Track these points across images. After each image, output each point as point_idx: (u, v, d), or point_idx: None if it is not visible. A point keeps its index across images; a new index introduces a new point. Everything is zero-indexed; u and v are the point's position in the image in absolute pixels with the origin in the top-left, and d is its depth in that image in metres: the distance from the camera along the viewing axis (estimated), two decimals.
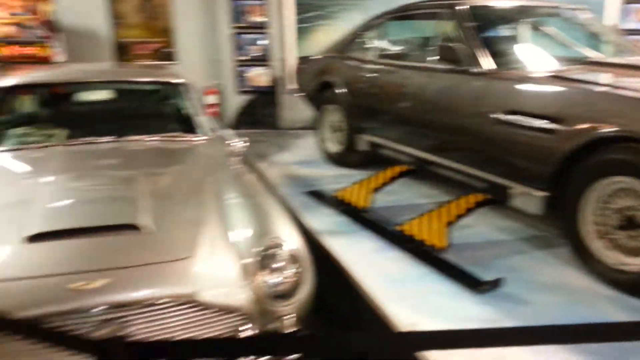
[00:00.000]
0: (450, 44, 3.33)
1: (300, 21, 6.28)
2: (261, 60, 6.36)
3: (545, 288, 2.62)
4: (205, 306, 2.03)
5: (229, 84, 6.50)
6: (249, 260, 2.19)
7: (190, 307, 2.03)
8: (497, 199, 3.19)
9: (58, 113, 3.65)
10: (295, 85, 5.69)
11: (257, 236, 2.30)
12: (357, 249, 3.08)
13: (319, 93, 5.02)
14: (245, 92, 6.52)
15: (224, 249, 2.24)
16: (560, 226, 2.97)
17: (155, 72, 4.19)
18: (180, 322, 2.00)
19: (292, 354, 1.88)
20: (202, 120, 3.60)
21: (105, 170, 2.92)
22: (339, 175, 4.58)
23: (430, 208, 3.28)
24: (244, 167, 3.12)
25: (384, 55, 4.22)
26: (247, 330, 2.12)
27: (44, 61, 5.92)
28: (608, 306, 2.46)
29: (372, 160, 4.66)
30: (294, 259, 2.26)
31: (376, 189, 3.68)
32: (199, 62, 6.38)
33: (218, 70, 6.48)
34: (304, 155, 5.42)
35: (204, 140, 3.41)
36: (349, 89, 4.49)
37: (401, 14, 4.17)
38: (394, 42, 4.40)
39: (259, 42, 6.29)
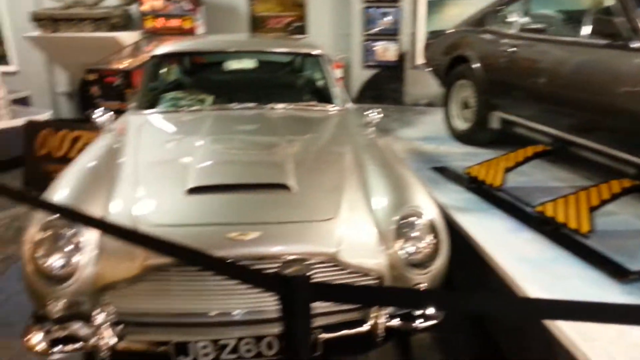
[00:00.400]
0: (608, 17, 3.09)
1: None
2: (390, 34, 6.33)
3: None
4: (344, 266, 2.13)
5: (356, 58, 6.56)
6: (388, 227, 2.25)
7: (331, 266, 2.14)
8: None
9: (206, 80, 3.94)
10: (423, 61, 5.60)
11: (396, 204, 2.34)
12: (488, 228, 3.02)
13: (450, 68, 4.91)
14: (370, 66, 6.54)
15: (364, 214, 2.32)
16: None
17: (295, 43, 4.35)
18: (318, 279, 2.12)
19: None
20: (337, 91, 3.70)
21: (251, 134, 3.12)
22: (466, 153, 4.48)
23: (571, 191, 3.11)
24: (379, 137, 3.17)
25: (527, 29, 4.01)
26: None
27: (188, 33, 6.36)
28: None
29: (502, 139, 4.52)
30: (431, 229, 2.29)
31: (508, 169, 3.56)
32: (328, 35, 6.49)
33: (346, 44, 6.55)
34: (429, 132, 5.35)
35: (338, 110, 3.52)
36: (485, 63, 4.34)
37: None
38: (538, 16, 4.16)
39: (388, 17, 6.25)
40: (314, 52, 3.86)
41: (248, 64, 4.00)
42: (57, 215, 2.10)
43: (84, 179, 2.46)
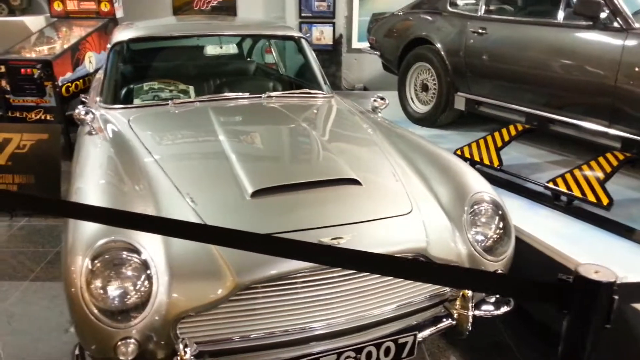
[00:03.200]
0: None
1: None
2: (326, 17, 6.20)
3: None
4: (433, 260, 2.03)
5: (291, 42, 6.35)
6: (460, 215, 2.18)
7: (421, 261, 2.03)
8: (637, 157, 3.19)
9: (181, 68, 3.54)
10: (368, 44, 5.57)
11: (460, 191, 2.28)
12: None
13: (405, 51, 4.92)
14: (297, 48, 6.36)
15: (434, 204, 2.23)
16: None
17: (272, 26, 4.08)
18: None
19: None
20: (322, 76, 3.53)
21: (274, 126, 2.87)
22: (433, 136, 4.54)
23: (569, 167, 3.27)
24: (392, 123, 3.08)
25: (496, 10, 4.13)
26: None
27: (107, 16, 5.69)
28: None
29: (465, 121, 4.66)
30: (497, 213, 2.26)
31: (499, 148, 3.65)
32: (261, 19, 6.20)
33: None
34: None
35: (329, 96, 3.36)
36: (448, 45, 4.40)
37: None
38: None
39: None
40: (296, 34, 3.64)
41: (227, 49, 3.66)
42: (111, 238, 1.74)
43: (115, 197, 2.05)
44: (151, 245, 1.78)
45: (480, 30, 4.11)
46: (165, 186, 2.12)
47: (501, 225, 2.23)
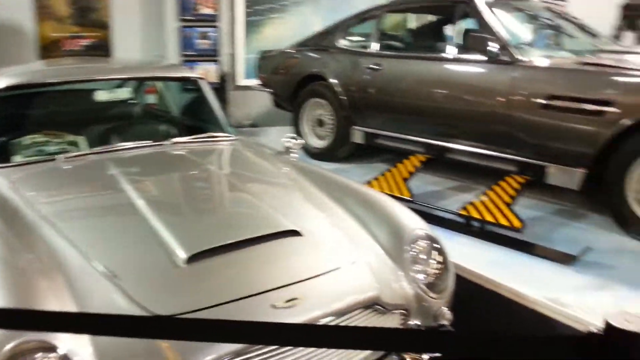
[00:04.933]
0: (480, 35, 3.47)
1: (250, 14, 6.05)
2: (209, 55, 6.01)
3: (616, 253, 2.89)
4: (386, 307, 1.94)
5: None
6: (401, 255, 2.12)
7: (374, 310, 1.92)
8: (534, 179, 3.42)
9: (66, 117, 3.13)
10: (259, 81, 5.48)
11: (396, 230, 2.22)
12: None
13: (298, 87, 4.90)
14: (191, 89, 6.11)
15: (375, 247, 2.15)
16: (594, 197, 3.28)
17: (165, 67, 3.80)
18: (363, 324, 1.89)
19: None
20: (224, 117, 3.36)
21: (189, 177, 2.62)
22: (334, 171, 4.50)
23: (476, 193, 3.41)
24: (309, 164, 2.99)
25: (389, 46, 4.26)
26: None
27: None
28: None
29: (362, 153, 4.72)
30: (434, 248, 2.24)
31: (406, 180, 3.72)
32: (139, 59, 5.85)
33: None
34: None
35: (234, 138, 3.19)
36: (344, 81, 4.45)
37: (402, 7, 4.24)
38: (395, 34, 4.45)
39: (206, 37, 5.94)
40: (193, 75, 3.43)
41: (117, 93, 3.31)
42: (22, 339, 1.42)
43: (11, 278, 1.69)
44: (72, 336, 1.48)
45: (374, 66, 4.21)
46: (75, 259, 1.80)
47: (440, 259, 2.21)
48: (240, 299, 1.67)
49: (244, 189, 2.41)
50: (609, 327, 0.94)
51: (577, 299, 2.39)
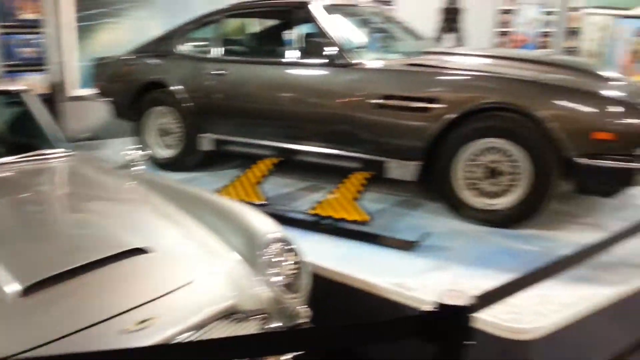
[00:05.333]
0: (317, 40, 3.62)
1: (81, 19, 5.62)
2: (35, 64, 5.47)
3: (451, 235, 3.20)
4: (245, 313, 1.95)
5: None
6: (257, 260, 2.14)
7: (233, 319, 1.92)
8: (377, 173, 3.65)
9: None
10: (96, 90, 5.12)
11: (250, 235, 2.24)
12: None
13: (138, 95, 4.67)
14: (16, 103, 5.50)
15: (231, 255, 2.14)
16: (430, 187, 3.61)
17: None
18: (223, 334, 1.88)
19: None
20: (57, 131, 3.10)
21: (19, 198, 2.35)
22: (184, 180, 4.40)
23: (325, 191, 3.55)
24: (155, 175, 2.87)
25: (232, 51, 4.23)
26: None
27: None
28: (498, 238, 3.17)
29: (213, 161, 4.65)
30: (289, 249, 2.29)
31: (258, 184, 3.75)
32: None
33: None
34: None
35: (70, 154, 2.97)
36: (189, 88, 4.34)
37: (241, 12, 4.24)
38: (237, 39, 4.43)
39: (30, 45, 5.39)
40: (14, 88, 3.11)
41: None
42: None
43: None
44: None
45: (218, 72, 4.17)
46: None
47: (295, 260, 2.27)
48: (86, 327, 1.56)
49: (83, 209, 2.25)
50: (441, 305, 1.05)
51: (420, 281, 2.61)
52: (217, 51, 4.31)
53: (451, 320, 1.04)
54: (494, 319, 2.23)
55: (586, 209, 3.63)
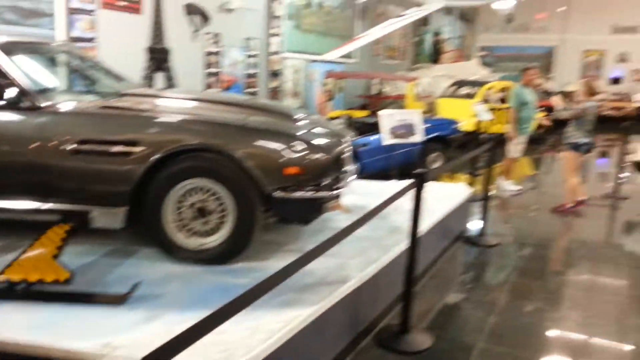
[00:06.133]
0: None
1: None
2: None
3: (164, 281, 3.12)
4: None
5: None
6: None
7: None
8: (80, 226, 3.35)
9: None
10: None
11: None
12: None
13: None
14: None
15: None
16: (141, 232, 3.48)
17: None
18: None
19: None
20: None
21: None
22: None
23: (16, 252, 3.09)
24: None
25: None
26: None
27: None
28: (211, 276, 3.22)
29: None
30: None
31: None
32: None
33: None
34: None
35: None
36: None
37: None
38: None
39: None
40: None
41: None
42: None
43: None
44: None
45: None
46: None
47: None
48: None
49: None
50: None
51: (130, 336, 2.46)
52: None
53: None
54: None
55: (290, 237, 3.98)
